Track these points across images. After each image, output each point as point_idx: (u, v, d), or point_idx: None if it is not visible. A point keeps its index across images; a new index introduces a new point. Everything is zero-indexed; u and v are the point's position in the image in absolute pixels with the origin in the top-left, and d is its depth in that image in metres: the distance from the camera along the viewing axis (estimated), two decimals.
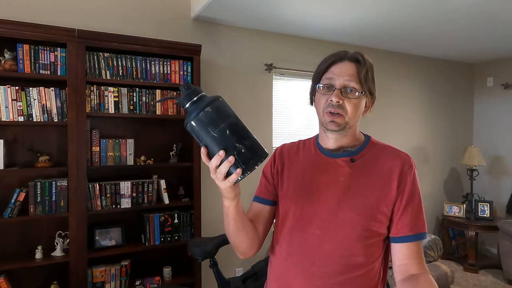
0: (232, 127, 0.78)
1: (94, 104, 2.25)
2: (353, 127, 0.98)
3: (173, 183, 2.67)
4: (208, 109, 0.76)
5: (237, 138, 0.78)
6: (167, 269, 2.49)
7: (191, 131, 0.79)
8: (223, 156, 0.77)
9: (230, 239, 1.00)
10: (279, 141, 3.27)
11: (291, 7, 2.59)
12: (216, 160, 0.77)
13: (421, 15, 2.76)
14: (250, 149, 0.78)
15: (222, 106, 0.79)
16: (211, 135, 0.77)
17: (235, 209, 0.91)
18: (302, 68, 3.27)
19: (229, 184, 0.80)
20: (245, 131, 0.80)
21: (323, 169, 0.99)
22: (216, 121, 0.77)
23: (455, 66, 4.43)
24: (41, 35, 2.06)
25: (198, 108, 0.77)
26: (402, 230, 0.93)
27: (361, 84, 0.95)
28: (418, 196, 0.96)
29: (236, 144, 0.77)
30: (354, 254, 0.92)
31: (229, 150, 0.77)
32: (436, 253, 2.88)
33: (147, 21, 2.66)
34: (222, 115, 0.78)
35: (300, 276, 0.94)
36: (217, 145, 0.77)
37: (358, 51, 1.00)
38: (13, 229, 2.24)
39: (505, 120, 4.26)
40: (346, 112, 0.94)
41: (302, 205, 0.98)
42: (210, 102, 0.77)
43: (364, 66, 0.96)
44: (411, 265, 0.92)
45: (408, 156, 0.98)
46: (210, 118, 0.76)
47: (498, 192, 4.30)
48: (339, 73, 0.95)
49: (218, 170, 0.78)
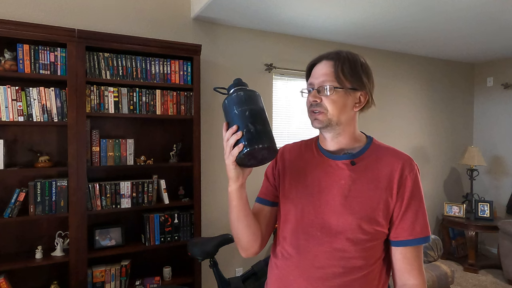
0: (253, 112, 0.88)
1: (94, 104, 2.25)
2: (343, 125, 0.97)
3: (173, 183, 2.68)
4: (241, 92, 0.90)
5: (252, 120, 0.87)
6: (167, 269, 2.49)
7: (223, 108, 0.92)
8: (235, 130, 0.86)
9: (233, 230, 1.01)
10: (279, 141, 3.27)
11: (291, 7, 2.59)
12: (229, 132, 0.87)
13: (421, 15, 2.76)
14: (258, 132, 0.86)
15: (253, 96, 0.91)
16: (234, 112, 0.89)
17: (237, 194, 0.95)
18: (302, 68, 3.27)
19: (232, 159, 0.87)
20: (263, 120, 0.89)
21: (325, 171, 0.99)
22: (242, 103, 0.89)
23: (455, 66, 4.43)
24: (41, 35, 2.06)
25: (236, 91, 0.91)
26: (402, 234, 0.93)
27: (337, 80, 0.94)
28: (420, 200, 0.95)
29: (249, 123, 0.87)
30: (354, 256, 0.92)
31: (241, 127, 0.87)
32: (436, 253, 2.89)
33: (147, 21, 2.66)
34: (250, 101, 0.90)
35: (301, 277, 0.94)
36: (235, 121, 0.88)
37: (338, 49, 1.01)
38: (13, 229, 2.24)
39: (505, 120, 4.26)
40: (326, 109, 0.95)
41: (303, 206, 0.98)
42: (245, 90, 0.91)
43: (340, 61, 0.96)
44: (409, 271, 0.93)
45: (410, 159, 0.97)
46: (239, 99, 0.89)
47: (498, 192, 4.30)
48: (316, 74, 0.98)
49: (228, 141, 0.86)
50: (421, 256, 0.95)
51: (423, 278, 0.94)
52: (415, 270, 0.93)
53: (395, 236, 0.94)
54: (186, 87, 2.52)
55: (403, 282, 0.95)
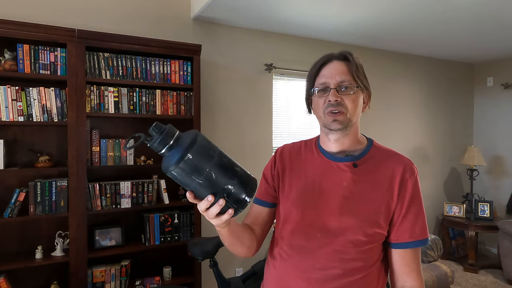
0: (218, 168, 0.70)
1: (94, 104, 2.25)
2: (355, 125, 0.98)
3: (173, 183, 2.67)
4: (189, 156, 0.68)
5: (225, 179, 0.71)
6: (167, 269, 2.49)
7: (174, 177, 0.71)
8: (212, 200, 0.72)
9: (227, 248, 1.02)
10: (279, 141, 3.27)
11: (291, 7, 2.59)
12: (204, 204, 0.73)
13: (421, 15, 2.76)
14: (240, 187, 0.73)
15: (203, 146, 0.70)
16: (196, 182, 0.70)
17: (227, 231, 0.91)
18: (302, 68, 3.27)
19: (221, 222, 0.78)
20: (231, 167, 0.73)
21: (326, 173, 0.99)
22: (199, 168, 0.69)
23: (455, 66, 4.43)
24: (41, 35, 2.06)
25: (177, 154, 0.68)
26: (402, 236, 0.94)
27: (354, 79, 0.95)
28: (419, 202, 0.95)
29: (224, 186, 0.71)
30: (354, 258, 0.92)
31: (218, 193, 0.72)
32: (436, 253, 2.88)
33: (147, 21, 2.66)
34: (205, 158, 0.70)
35: (300, 278, 0.94)
36: (204, 190, 0.71)
37: (345, 50, 1.01)
38: (13, 229, 2.24)
39: (505, 120, 4.26)
40: (347, 108, 0.94)
41: (303, 208, 0.97)
42: (189, 146, 0.69)
43: (353, 62, 0.96)
44: (407, 273, 0.94)
45: (411, 162, 0.98)
46: (192, 165, 0.68)
47: (498, 192, 4.30)
48: (330, 73, 0.96)
49: (208, 212, 0.75)
50: (419, 258, 0.96)
51: (421, 280, 0.95)
52: (414, 272, 0.94)
53: (395, 239, 0.94)
54: (186, 87, 2.52)
55: (402, 283, 0.95)
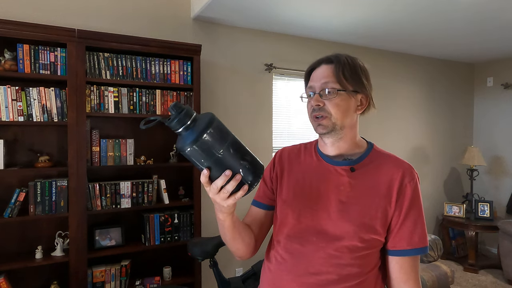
0: (235, 144, 0.75)
1: (94, 104, 2.25)
2: (346, 128, 0.96)
3: (173, 183, 2.67)
4: (211, 130, 0.72)
5: (241, 154, 0.76)
6: (167, 269, 2.49)
7: (190, 155, 0.74)
8: (230, 175, 0.75)
9: (227, 245, 1.01)
10: (279, 141, 3.27)
11: (291, 7, 2.59)
12: (222, 180, 0.75)
13: (421, 15, 2.76)
14: (252, 164, 0.77)
15: (220, 124, 0.76)
16: (216, 156, 0.74)
17: (231, 222, 0.90)
18: (302, 68, 3.27)
19: (234, 202, 0.79)
20: (243, 146, 0.78)
21: (324, 176, 0.98)
22: (219, 141, 0.73)
23: (455, 66, 4.43)
24: (41, 35, 2.06)
25: (197, 131, 0.72)
26: (399, 243, 0.92)
27: (339, 83, 0.93)
28: (419, 209, 0.93)
29: (241, 161, 0.75)
30: (349, 264, 0.90)
31: (235, 168, 0.75)
32: (436, 253, 2.88)
33: (147, 21, 2.66)
34: (224, 134, 0.75)
35: (294, 282, 0.93)
36: (222, 165, 0.75)
37: (336, 53, 0.99)
38: (13, 229, 2.24)
39: (505, 120, 4.26)
40: (330, 113, 0.93)
41: (300, 211, 0.96)
42: (209, 124, 0.73)
43: (340, 64, 0.95)
44: (404, 281, 0.92)
45: (411, 167, 0.95)
46: (214, 139, 0.73)
47: (498, 192, 4.30)
48: (316, 78, 0.97)
49: (223, 189, 0.76)
50: (418, 266, 0.94)
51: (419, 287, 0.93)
52: (411, 281, 0.92)
53: (393, 246, 0.93)
54: (186, 87, 2.52)
55: None
